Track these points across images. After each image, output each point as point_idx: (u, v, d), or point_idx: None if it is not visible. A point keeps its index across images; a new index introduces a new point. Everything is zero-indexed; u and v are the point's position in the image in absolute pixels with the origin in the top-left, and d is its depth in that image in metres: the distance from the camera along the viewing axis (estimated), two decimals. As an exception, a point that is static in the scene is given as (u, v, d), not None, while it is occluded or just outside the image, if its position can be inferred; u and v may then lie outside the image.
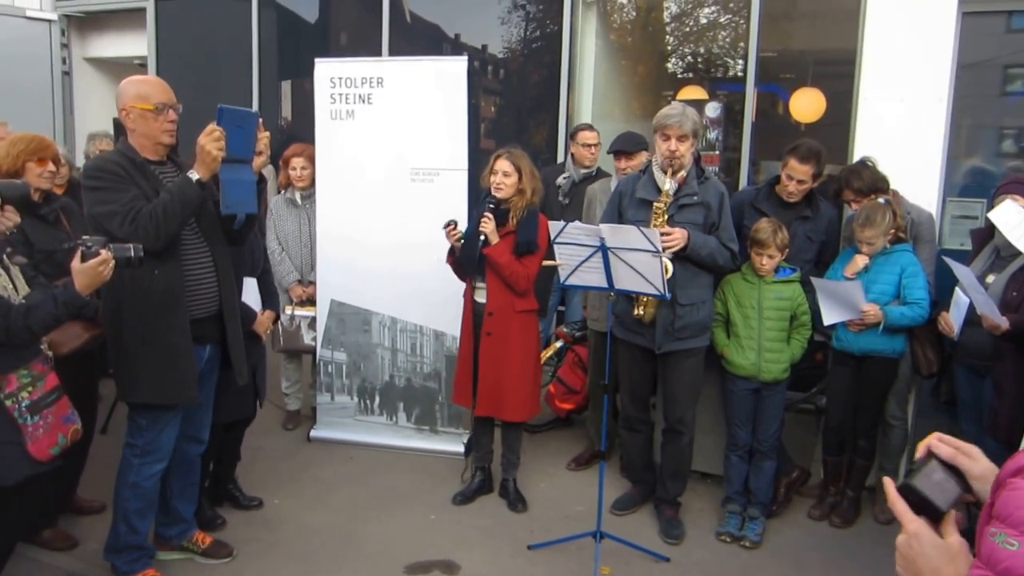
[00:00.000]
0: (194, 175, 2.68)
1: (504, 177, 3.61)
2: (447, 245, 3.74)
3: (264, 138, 2.86)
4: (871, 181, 3.64)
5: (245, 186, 2.81)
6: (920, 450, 1.13)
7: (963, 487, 1.09)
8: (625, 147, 4.17)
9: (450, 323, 4.26)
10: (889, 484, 1.11)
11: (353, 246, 4.44)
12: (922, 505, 1.07)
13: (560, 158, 5.68)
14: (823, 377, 4.08)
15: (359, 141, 4.37)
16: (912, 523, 1.06)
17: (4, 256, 2.65)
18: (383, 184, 4.37)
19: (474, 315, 3.74)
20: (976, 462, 1.11)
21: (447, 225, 3.63)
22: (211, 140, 2.63)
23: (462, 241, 3.65)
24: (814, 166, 3.66)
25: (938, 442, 1.12)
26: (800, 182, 3.70)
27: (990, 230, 3.36)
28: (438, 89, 4.25)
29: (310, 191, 4.62)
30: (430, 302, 4.33)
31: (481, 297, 3.72)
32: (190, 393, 2.86)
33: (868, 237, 3.49)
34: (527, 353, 3.77)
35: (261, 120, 2.86)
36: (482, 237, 3.57)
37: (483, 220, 3.57)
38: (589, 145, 4.69)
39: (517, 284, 3.63)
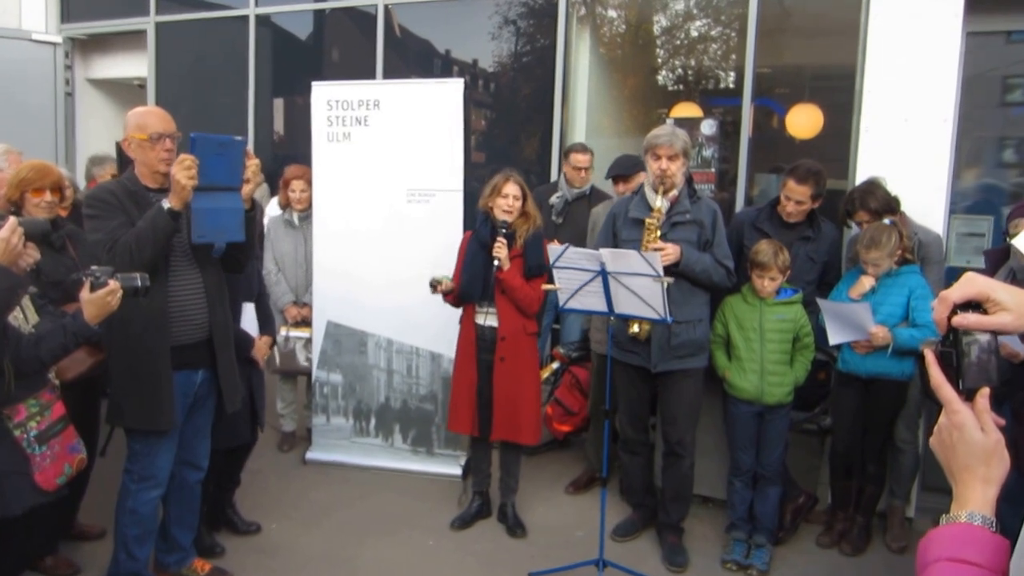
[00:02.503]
0: (166, 204, 2.63)
1: (514, 201, 3.56)
2: (442, 269, 3.65)
3: (252, 165, 2.76)
4: (885, 202, 3.51)
5: (228, 214, 2.74)
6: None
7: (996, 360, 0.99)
8: (622, 171, 4.08)
9: (447, 344, 4.14)
10: (932, 359, 0.99)
11: (349, 267, 4.34)
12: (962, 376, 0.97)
13: (553, 175, 5.53)
14: (826, 396, 3.94)
15: (356, 163, 4.29)
16: (959, 412, 0.96)
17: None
18: (380, 205, 4.28)
19: (478, 340, 3.64)
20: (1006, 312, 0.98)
21: (434, 288, 3.58)
22: (181, 169, 2.57)
23: (451, 285, 3.60)
24: (813, 187, 3.56)
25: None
26: (799, 203, 3.60)
27: (1005, 251, 3.19)
28: (435, 111, 4.17)
29: (308, 212, 4.52)
30: (426, 323, 4.21)
31: (488, 321, 3.63)
32: (166, 420, 2.79)
33: (874, 259, 3.34)
34: (537, 376, 3.76)
35: (249, 148, 2.72)
36: (496, 262, 3.49)
37: (497, 245, 3.50)
38: (580, 168, 4.56)
39: (531, 307, 3.59)
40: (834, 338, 3.36)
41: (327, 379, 4.46)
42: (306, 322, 4.51)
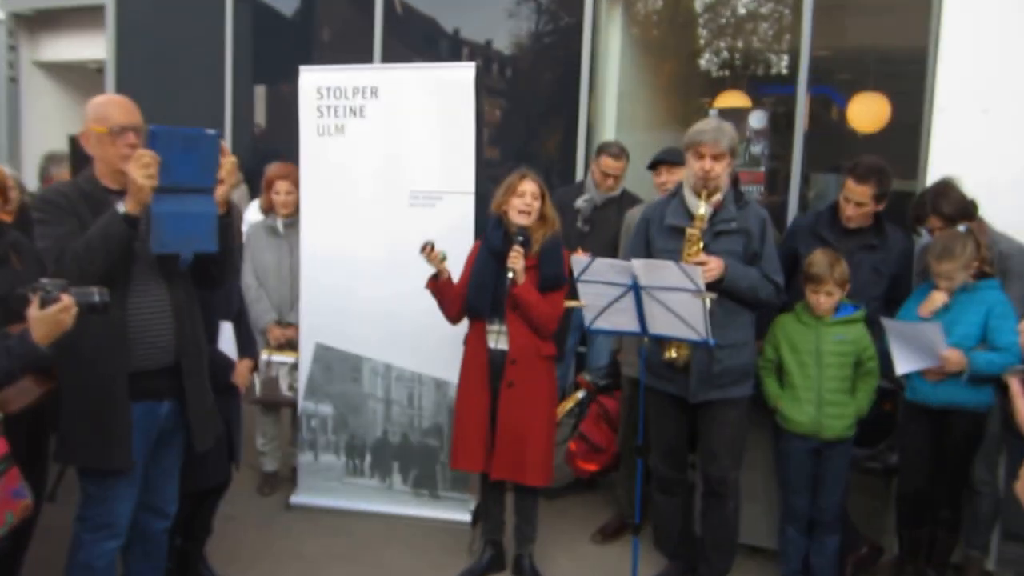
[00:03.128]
0: (121, 207, 2.64)
1: (532, 200, 3.64)
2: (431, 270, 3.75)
3: (228, 163, 2.80)
4: (961, 206, 3.60)
5: (196, 220, 2.76)
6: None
7: None
8: (671, 157, 4.16)
9: (453, 370, 4.18)
10: (1018, 389, 1.05)
11: (341, 281, 4.43)
12: None
13: (578, 175, 5.65)
14: (892, 430, 4.01)
15: (350, 160, 4.38)
16: None
17: None
18: (377, 209, 4.37)
19: (490, 364, 3.71)
20: None
21: (424, 248, 3.63)
22: (138, 167, 2.58)
23: (444, 258, 3.66)
24: (875, 186, 3.65)
25: None
26: (859, 205, 3.70)
27: None
28: (441, 101, 4.26)
29: (294, 218, 4.62)
30: (430, 346, 4.30)
31: (497, 342, 3.69)
32: (123, 457, 2.81)
33: (946, 271, 3.44)
34: (551, 405, 3.81)
35: (224, 142, 2.82)
36: (509, 275, 3.56)
37: (513, 255, 3.57)
38: (608, 175, 4.69)
39: (547, 326, 3.66)
40: (901, 365, 3.45)
41: (315, 410, 4.55)
42: (291, 344, 4.60)
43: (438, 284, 3.74)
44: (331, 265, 4.44)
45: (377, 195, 4.37)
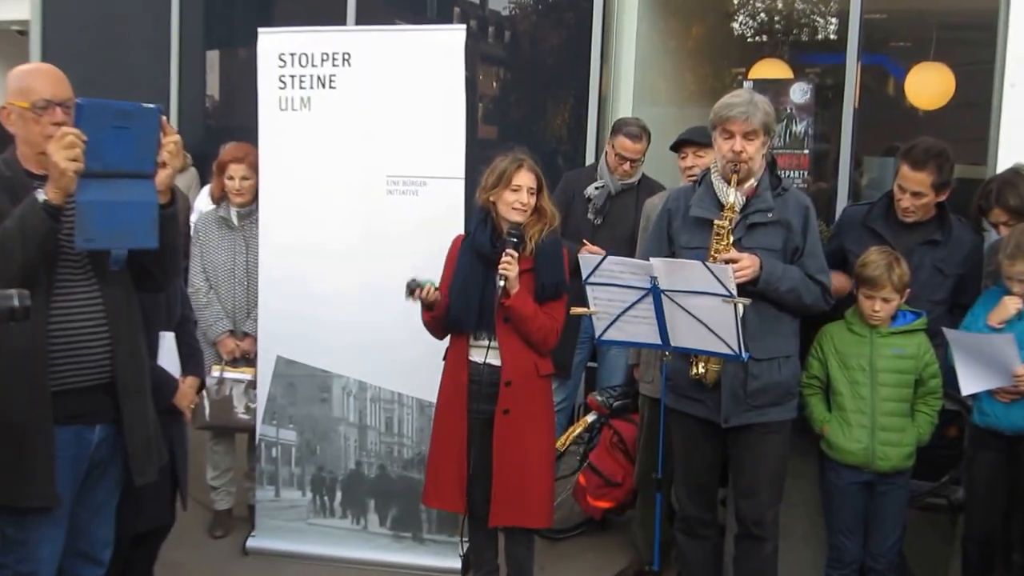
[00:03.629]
0: (41, 195, 2.62)
1: (528, 196, 3.62)
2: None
3: (171, 143, 2.78)
4: None
5: (132, 211, 2.74)
6: None
7: None
8: (698, 138, 4.15)
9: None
10: None
11: (308, 283, 4.42)
12: None
13: (589, 157, 5.65)
14: (958, 460, 4.01)
15: (317, 139, 4.38)
16: None
17: None
18: (350, 198, 4.37)
19: (472, 384, 3.70)
20: None
21: (412, 292, 3.63)
22: (60, 147, 2.56)
23: (436, 287, 3.66)
24: (934, 173, 3.65)
25: None
26: (916, 195, 3.70)
27: None
28: (427, 69, 4.25)
29: (251, 208, 4.62)
30: (413, 361, 4.27)
31: (485, 358, 3.68)
32: (45, 493, 2.78)
33: (1019, 273, 3.44)
34: (551, 432, 3.82)
35: (168, 119, 2.81)
36: (501, 283, 3.54)
37: (505, 262, 3.53)
38: (626, 159, 4.69)
39: (546, 341, 3.66)
40: (968, 384, 3.44)
41: (276, 437, 4.53)
42: (247, 359, 4.60)
43: (435, 314, 3.72)
44: (295, 264, 4.42)
45: (350, 181, 4.36)
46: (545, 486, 3.74)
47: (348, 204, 4.37)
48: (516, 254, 3.54)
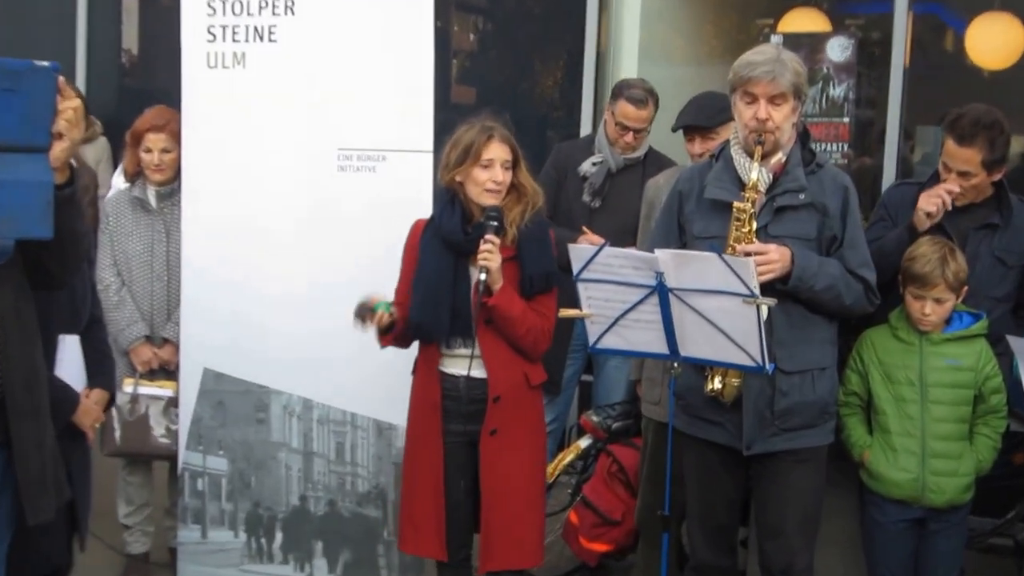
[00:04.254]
0: None
1: (503, 172, 3.62)
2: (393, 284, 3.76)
3: (70, 109, 2.75)
4: None
5: (20, 192, 2.70)
6: None
7: None
8: (701, 120, 4.18)
9: (402, 409, 4.15)
10: None
11: (241, 279, 4.43)
12: None
13: (585, 127, 5.69)
14: (1026, 494, 4.07)
15: (253, 104, 4.38)
16: None
17: None
18: (292, 176, 4.37)
19: (447, 400, 3.72)
20: None
21: (363, 318, 3.65)
22: None
23: (389, 308, 3.66)
24: (984, 149, 3.68)
25: None
26: (964, 175, 3.72)
27: None
28: (388, 19, 4.26)
29: (172, 188, 4.62)
30: (368, 373, 4.29)
31: (468, 369, 3.67)
32: None
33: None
34: (542, 453, 3.85)
35: (65, 79, 2.81)
36: (481, 276, 3.54)
37: (485, 250, 3.52)
38: (628, 128, 4.71)
39: (537, 346, 3.68)
40: (1036, 400, 3.50)
41: (203, 466, 4.54)
42: (167, 371, 4.60)
43: (395, 336, 3.73)
44: (226, 255, 4.43)
45: (293, 155, 4.36)
46: (537, 516, 3.77)
47: (291, 183, 4.37)
48: (498, 240, 3.54)
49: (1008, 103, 3.95)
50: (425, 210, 4.12)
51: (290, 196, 4.39)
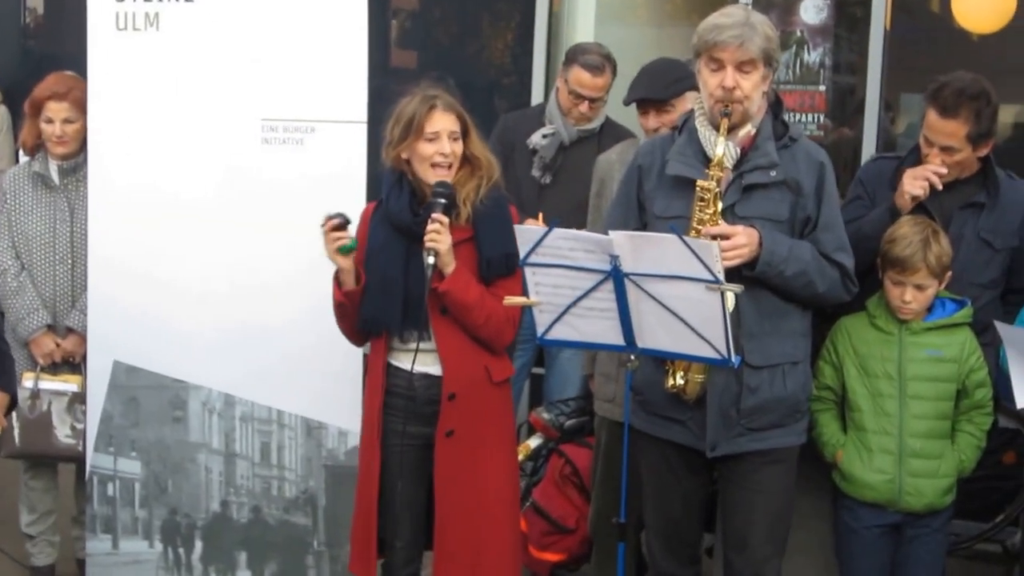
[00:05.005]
0: None
1: (450, 143, 3.60)
2: (327, 271, 3.70)
3: None
4: None
5: None
6: None
7: None
8: (655, 93, 4.16)
9: (334, 406, 4.26)
10: None
11: (154, 263, 4.41)
12: None
13: (536, 96, 5.69)
14: (1015, 496, 4.10)
15: (167, 70, 4.36)
16: None
17: None
18: (211, 148, 4.36)
19: (400, 400, 3.70)
20: None
21: (330, 220, 3.59)
22: None
23: (352, 250, 3.62)
24: (969, 122, 3.67)
25: None
26: (947, 150, 3.72)
27: None
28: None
29: (77, 162, 4.59)
30: (296, 366, 4.30)
31: (421, 365, 3.66)
32: None
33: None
34: (512, 461, 3.85)
35: None
36: (430, 260, 3.50)
37: (432, 230, 3.48)
38: (582, 97, 4.70)
39: (500, 335, 3.66)
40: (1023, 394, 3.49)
41: (114, 470, 4.52)
42: (72, 364, 4.58)
43: (349, 296, 3.67)
44: (137, 236, 4.41)
45: (212, 126, 4.35)
46: (508, 533, 3.75)
47: (209, 157, 4.36)
48: (446, 219, 3.51)
49: (997, 69, 3.96)
50: (359, 187, 4.19)
51: (208, 172, 4.38)
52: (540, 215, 4.41)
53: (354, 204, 3.93)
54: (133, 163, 4.42)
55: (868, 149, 5.25)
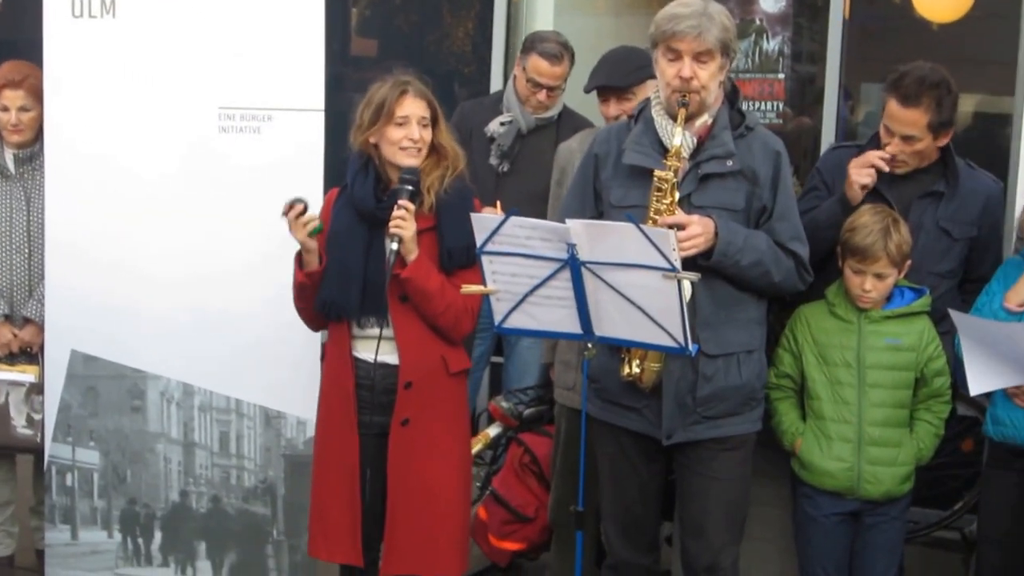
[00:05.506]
0: None
1: (420, 130, 3.59)
2: (287, 259, 3.69)
3: None
4: None
5: None
6: None
7: None
8: (615, 80, 4.16)
9: (292, 395, 4.25)
10: None
11: (112, 251, 4.39)
12: None
13: (495, 84, 5.68)
14: (974, 483, 4.11)
15: (124, 57, 4.33)
16: None
17: None
18: (168, 137, 4.33)
19: (360, 389, 3.69)
20: None
21: (292, 206, 3.56)
22: None
23: (320, 231, 3.62)
24: (930, 111, 3.68)
25: None
26: (908, 139, 3.73)
27: None
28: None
29: (33, 150, 4.57)
30: (255, 356, 4.28)
31: (376, 353, 3.65)
32: None
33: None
34: (466, 450, 3.85)
35: None
36: (393, 246, 3.50)
37: (397, 216, 3.49)
38: (540, 86, 4.70)
39: (458, 325, 3.66)
40: (977, 381, 3.49)
41: (72, 460, 4.49)
42: (28, 354, 4.56)
43: (311, 276, 3.66)
44: (93, 225, 4.39)
45: (168, 114, 4.32)
46: (457, 522, 3.75)
47: (167, 146, 4.33)
48: (412, 206, 3.51)
49: (956, 59, 3.96)
50: (316, 175, 4.16)
51: (166, 160, 4.35)
52: (499, 203, 4.38)
53: (312, 192, 3.90)
54: (90, 152, 4.39)
55: (827, 138, 5.25)
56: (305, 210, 3.57)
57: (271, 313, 3.91)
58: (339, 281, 3.62)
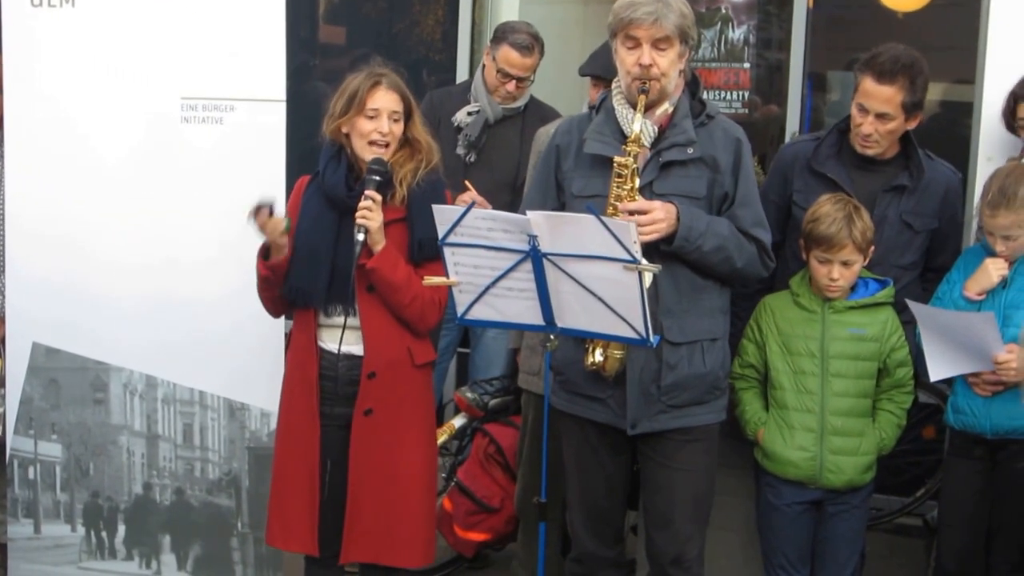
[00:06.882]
0: None
1: (391, 123, 3.59)
2: (251, 247, 3.68)
3: None
4: None
5: None
6: None
7: None
8: (611, 73, 4.13)
9: (256, 387, 4.24)
10: None
11: (73, 241, 4.37)
12: None
13: (461, 73, 5.66)
14: (935, 470, 4.13)
15: (84, 47, 4.30)
16: None
17: None
18: (129, 126, 4.31)
19: (324, 380, 3.69)
20: None
21: (262, 210, 3.54)
22: None
23: (286, 230, 3.59)
24: (905, 89, 3.71)
25: None
26: (882, 117, 3.74)
27: None
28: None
29: None
30: (219, 347, 4.28)
31: (340, 343, 3.67)
32: None
33: (1004, 227, 3.52)
34: (431, 441, 3.84)
35: None
36: (360, 236, 3.49)
37: (364, 207, 3.48)
38: (510, 77, 4.70)
39: (424, 317, 3.65)
40: (937, 367, 3.53)
41: (34, 453, 4.48)
42: (-9, 346, 4.52)
43: (275, 267, 3.64)
44: (55, 215, 4.37)
45: (130, 104, 4.30)
46: (421, 511, 3.74)
47: (129, 135, 4.31)
48: (379, 197, 3.51)
49: (920, 47, 3.95)
50: (278, 165, 4.15)
51: (128, 150, 4.33)
52: (470, 185, 4.38)
53: (273, 182, 3.93)
54: (50, 141, 4.36)
55: (791, 126, 5.28)
56: (271, 212, 3.55)
57: (235, 304, 3.90)
58: (308, 268, 3.62)
